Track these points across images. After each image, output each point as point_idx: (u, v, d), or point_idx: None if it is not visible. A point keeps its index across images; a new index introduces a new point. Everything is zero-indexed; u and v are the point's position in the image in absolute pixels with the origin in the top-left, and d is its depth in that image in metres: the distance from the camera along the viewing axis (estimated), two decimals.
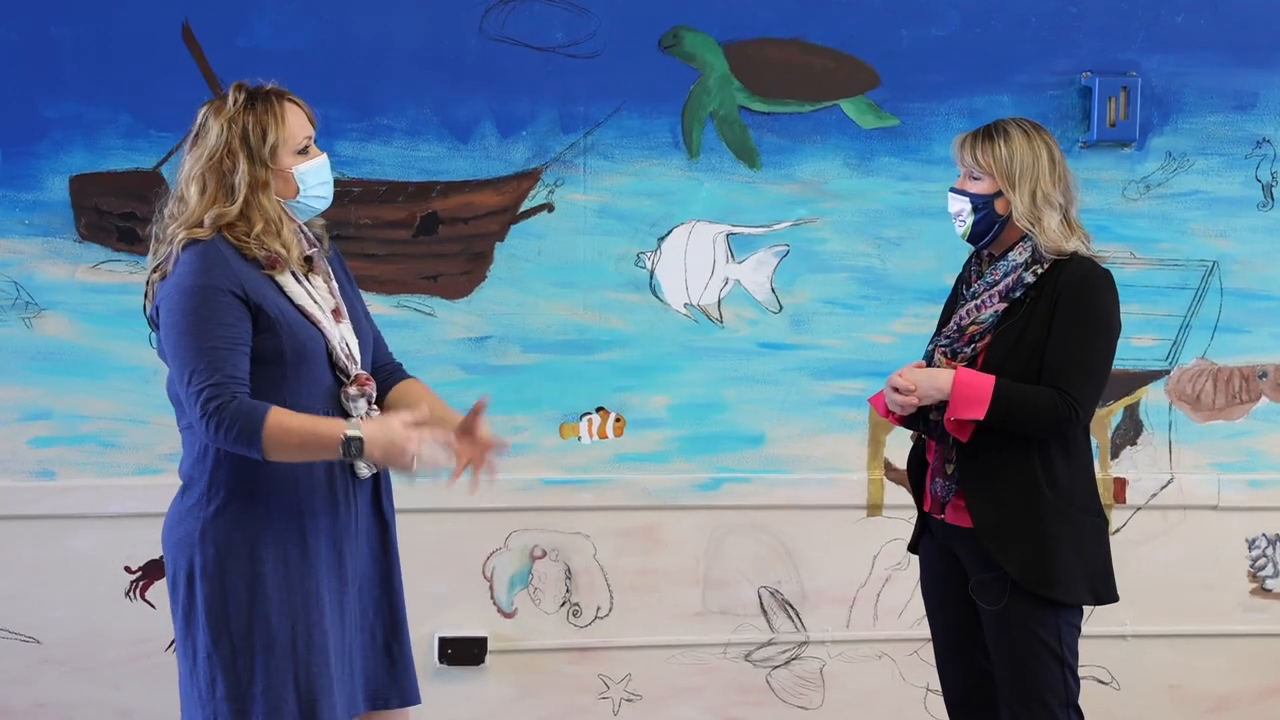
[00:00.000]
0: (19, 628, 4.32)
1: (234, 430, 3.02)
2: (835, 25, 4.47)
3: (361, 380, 3.22)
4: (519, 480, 4.45)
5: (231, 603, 3.12)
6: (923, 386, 3.44)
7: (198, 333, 3.05)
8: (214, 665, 3.13)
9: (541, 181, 4.42)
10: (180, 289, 3.09)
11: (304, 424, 3.07)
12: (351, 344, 3.24)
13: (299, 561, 3.15)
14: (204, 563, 3.13)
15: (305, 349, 3.14)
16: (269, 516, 3.14)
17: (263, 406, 3.04)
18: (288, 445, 3.05)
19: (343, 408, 3.19)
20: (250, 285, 3.11)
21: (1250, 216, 4.66)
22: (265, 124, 3.15)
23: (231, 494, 3.14)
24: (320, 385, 3.17)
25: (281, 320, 3.12)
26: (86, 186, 4.24)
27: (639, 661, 4.57)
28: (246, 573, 3.12)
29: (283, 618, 3.13)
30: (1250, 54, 4.60)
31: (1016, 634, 3.45)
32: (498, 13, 4.35)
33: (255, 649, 3.12)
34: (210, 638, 3.13)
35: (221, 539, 3.13)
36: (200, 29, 4.22)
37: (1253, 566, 4.76)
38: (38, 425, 4.27)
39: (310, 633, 3.14)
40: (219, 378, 3.03)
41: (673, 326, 4.51)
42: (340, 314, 3.25)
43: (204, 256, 3.11)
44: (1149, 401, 4.68)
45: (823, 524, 4.59)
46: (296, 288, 3.19)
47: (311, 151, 3.23)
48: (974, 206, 3.49)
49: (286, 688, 3.12)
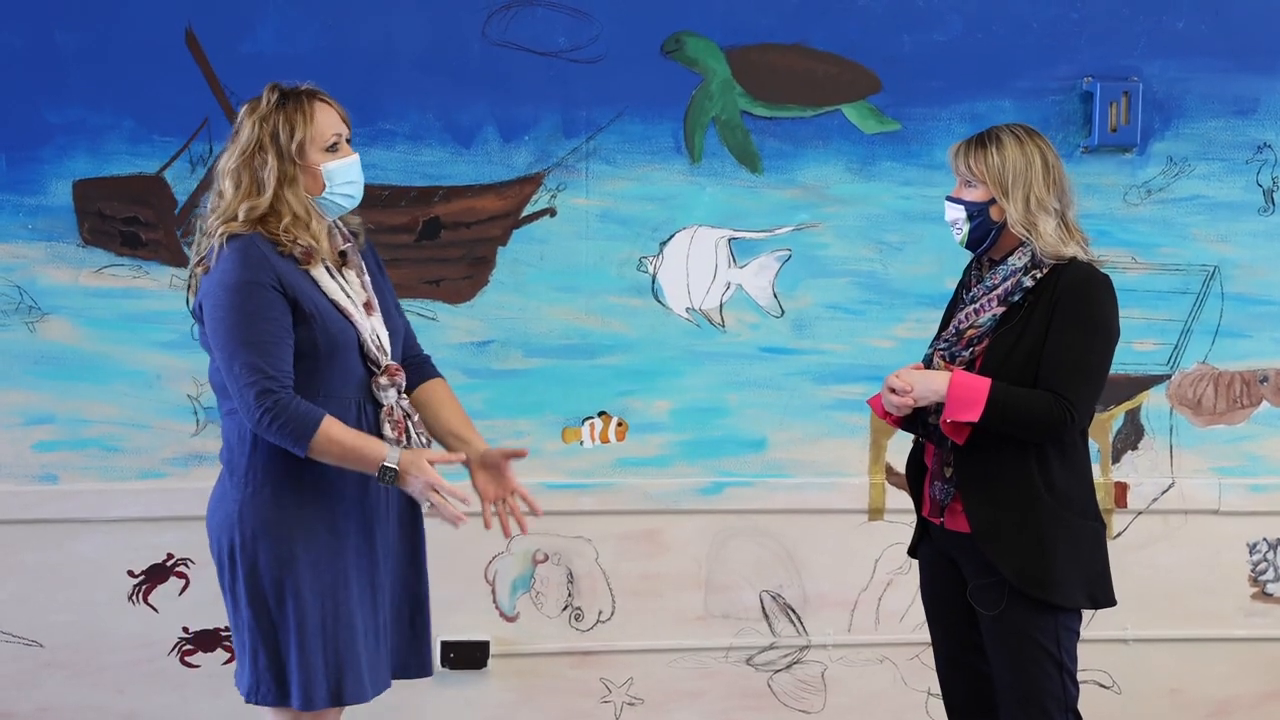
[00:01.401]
0: (22, 631, 4.33)
1: (286, 428, 3.21)
2: (837, 30, 4.48)
3: (392, 371, 3.38)
4: (521, 484, 4.45)
5: (267, 580, 3.30)
6: (919, 388, 3.44)
7: (245, 326, 3.22)
8: (256, 637, 3.33)
9: (544, 186, 4.42)
10: (225, 285, 3.25)
11: (351, 441, 3.26)
12: (382, 336, 3.39)
13: (329, 542, 3.31)
14: (242, 542, 3.31)
15: (338, 341, 3.30)
16: (302, 499, 3.30)
17: (317, 413, 3.23)
18: (330, 454, 3.25)
19: (374, 396, 3.36)
20: (288, 279, 3.27)
21: (1251, 221, 4.66)
22: (294, 122, 3.31)
23: (268, 478, 3.30)
24: (352, 376, 3.34)
25: (316, 314, 3.28)
26: (90, 191, 4.24)
27: (641, 665, 4.58)
28: (281, 552, 3.29)
29: (313, 595, 3.29)
30: (1251, 59, 4.60)
31: (1015, 639, 3.45)
32: (500, 18, 4.36)
33: (290, 625, 3.29)
34: (252, 613, 3.32)
35: (258, 520, 3.30)
36: (203, 34, 4.23)
37: (1253, 571, 4.76)
38: (41, 430, 4.28)
39: (338, 611, 3.31)
40: (270, 372, 3.21)
41: (675, 331, 4.52)
42: (372, 307, 3.40)
43: (245, 252, 3.26)
44: (1150, 406, 4.69)
45: (824, 528, 4.59)
46: (330, 282, 3.34)
47: (342, 150, 3.37)
48: (969, 214, 3.49)
49: (318, 661, 3.30)
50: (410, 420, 3.40)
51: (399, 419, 3.37)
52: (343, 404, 3.32)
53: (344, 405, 3.32)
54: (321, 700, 3.31)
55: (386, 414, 3.36)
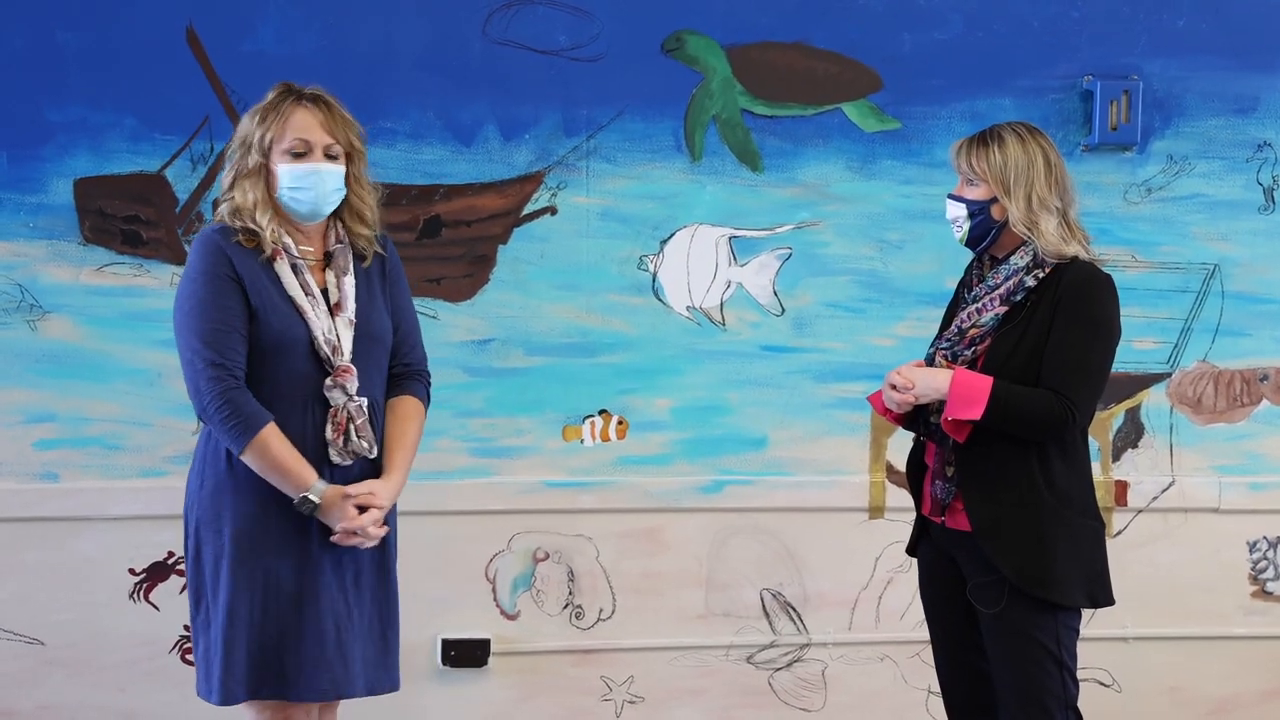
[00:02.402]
0: (23, 630, 4.33)
1: (230, 421, 3.25)
2: (838, 29, 4.48)
3: (340, 371, 3.35)
4: (522, 483, 4.46)
5: (205, 572, 3.35)
6: (920, 385, 3.44)
7: (198, 314, 3.27)
8: (196, 628, 3.38)
9: (544, 185, 4.43)
10: (186, 275, 3.34)
11: (284, 459, 3.29)
12: (342, 336, 3.37)
13: (263, 539, 3.32)
14: (189, 534, 3.39)
15: (283, 337, 3.32)
16: (240, 496, 3.33)
17: (264, 417, 3.26)
18: (262, 463, 3.28)
19: (323, 397, 3.35)
20: (243, 271, 3.31)
21: (1251, 220, 4.67)
22: (269, 120, 3.36)
23: (213, 472, 3.35)
24: (300, 374, 3.34)
25: (261, 307, 3.30)
26: (91, 190, 4.24)
27: (641, 663, 4.58)
28: (217, 545, 3.34)
29: (244, 591, 3.31)
30: (1251, 58, 4.60)
31: (1015, 637, 3.45)
32: (501, 16, 4.36)
33: (220, 618, 3.32)
34: (194, 603, 3.38)
35: (201, 512, 3.37)
36: (204, 33, 4.24)
37: (1254, 569, 4.77)
38: (42, 428, 4.28)
39: (268, 607, 3.32)
40: (221, 360, 3.26)
41: (675, 329, 4.52)
42: (340, 308, 3.38)
43: (204, 243, 3.34)
44: (1150, 404, 4.69)
45: (825, 526, 4.60)
46: (290, 278, 3.36)
47: (311, 156, 3.36)
48: (970, 213, 3.49)
49: (242, 658, 3.31)
50: (353, 424, 3.36)
51: (341, 421, 3.35)
52: (290, 403, 3.33)
53: (291, 404, 3.33)
54: (240, 695, 3.32)
55: (331, 415, 3.35)
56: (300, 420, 3.33)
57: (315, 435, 3.34)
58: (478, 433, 4.44)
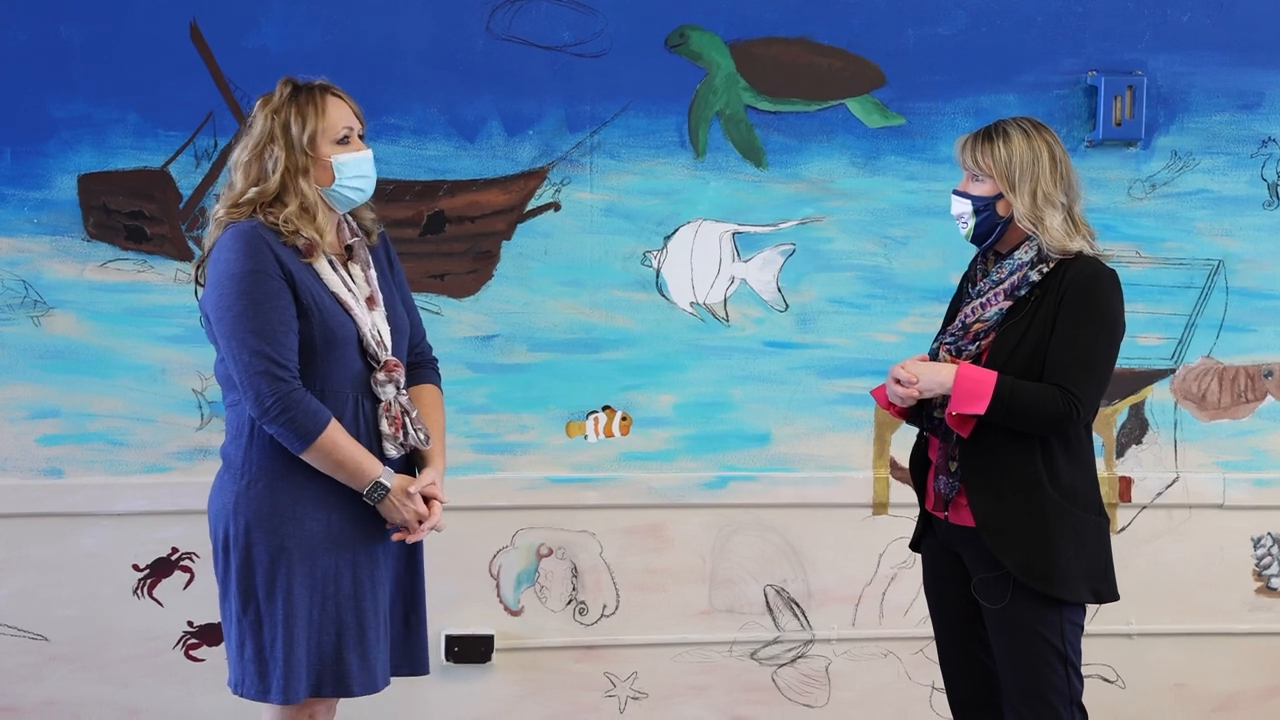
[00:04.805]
0: (28, 625, 4.33)
1: (294, 423, 3.24)
2: (842, 24, 4.48)
3: (390, 366, 3.38)
4: (525, 479, 4.46)
5: (258, 572, 3.32)
6: (924, 379, 3.45)
7: (252, 314, 3.23)
8: (243, 629, 3.34)
9: (548, 180, 4.43)
10: (230, 274, 3.26)
11: (352, 451, 3.30)
12: (383, 331, 3.40)
13: (322, 538, 3.32)
14: (235, 534, 3.33)
15: (336, 335, 3.31)
16: (297, 494, 3.31)
17: (325, 414, 3.26)
18: (327, 459, 3.28)
19: (372, 392, 3.36)
20: (291, 270, 3.28)
21: (1256, 215, 4.66)
22: (305, 114, 3.35)
23: (264, 470, 3.32)
24: (350, 370, 3.35)
25: (314, 306, 3.29)
26: (94, 185, 4.25)
27: (645, 659, 4.58)
28: (273, 545, 3.31)
29: (304, 590, 3.31)
30: (1256, 53, 4.60)
31: (1019, 632, 3.45)
32: (505, 12, 4.36)
33: (278, 618, 3.30)
34: (241, 605, 3.33)
35: (252, 512, 3.31)
36: (208, 29, 4.24)
37: (1258, 565, 4.76)
38: (46, 423, 4.29)
39: (326, 606, 3.32)
40: (280, 361, 3.24)
41: (679, 325, 4.52)
42: (374, 302, 3.41)
43: (248, 241, 3.28)
44: (1154, 400, 4.69)
45: (828, 522, 4.60)
46: (332, 275, 3.36)
47: (353, 143, 3.40)
48: (975, 209, 3.49)
49: (303, 656, 3.31)
50: (409, 416, 3.40)
51: (396, 415, 3.38)
52: (340, 399, 3.34)
53: (341, 400, 3.34)
54: (301, 693, 3.32)
55: (384, 410, 3.38)
56: (352, 417, 3.35)
57: (366, 430, 3.36)
58: (481, 429, 4.44)
